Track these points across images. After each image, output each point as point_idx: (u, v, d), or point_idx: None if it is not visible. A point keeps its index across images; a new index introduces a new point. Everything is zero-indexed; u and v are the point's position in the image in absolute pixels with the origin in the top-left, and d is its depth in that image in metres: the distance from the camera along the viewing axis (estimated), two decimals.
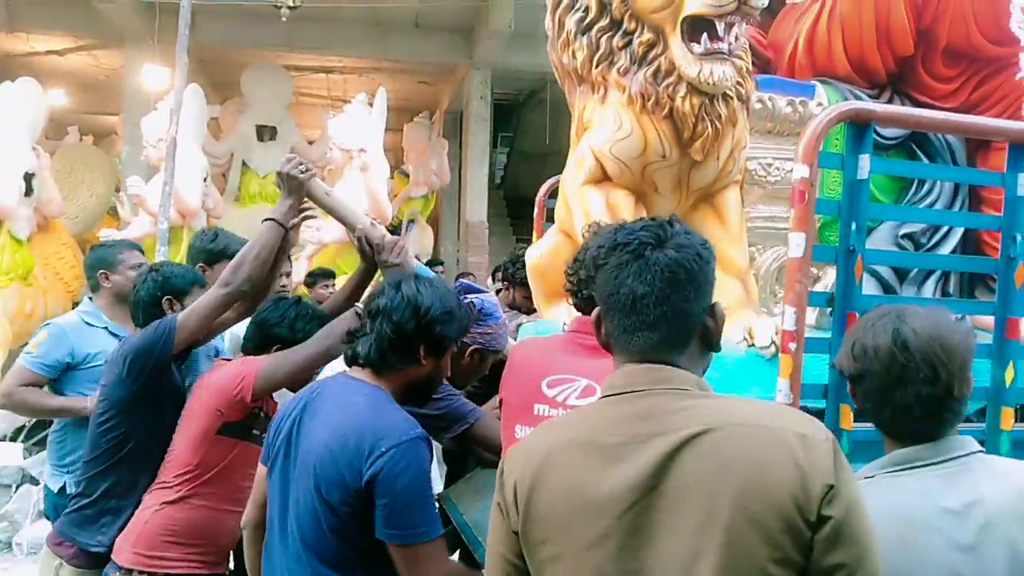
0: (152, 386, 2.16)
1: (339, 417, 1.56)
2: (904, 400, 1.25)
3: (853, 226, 1.89)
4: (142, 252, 3.06)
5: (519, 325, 2.86)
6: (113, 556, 2.07)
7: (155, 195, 5.45)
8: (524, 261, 3.38)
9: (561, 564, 1.06)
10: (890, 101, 2.73)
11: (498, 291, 6.37)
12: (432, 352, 1.67)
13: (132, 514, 2.12)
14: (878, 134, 2.62)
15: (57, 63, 10.02)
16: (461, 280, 2.17)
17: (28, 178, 5.82)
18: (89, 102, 11.41)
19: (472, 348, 2.02)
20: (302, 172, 2.20)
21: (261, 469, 1.73)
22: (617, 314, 1.14)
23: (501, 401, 1.72)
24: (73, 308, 6.11)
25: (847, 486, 0.99)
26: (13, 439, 5.50)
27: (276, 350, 2.14)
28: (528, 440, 1.20)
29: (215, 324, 2.26)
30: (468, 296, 2.01)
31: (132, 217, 6.53)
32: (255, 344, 2.21)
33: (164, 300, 2.34)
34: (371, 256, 2.27)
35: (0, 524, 4.89)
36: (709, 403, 1.08)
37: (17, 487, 5.02)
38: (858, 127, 1.90)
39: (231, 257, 2.60)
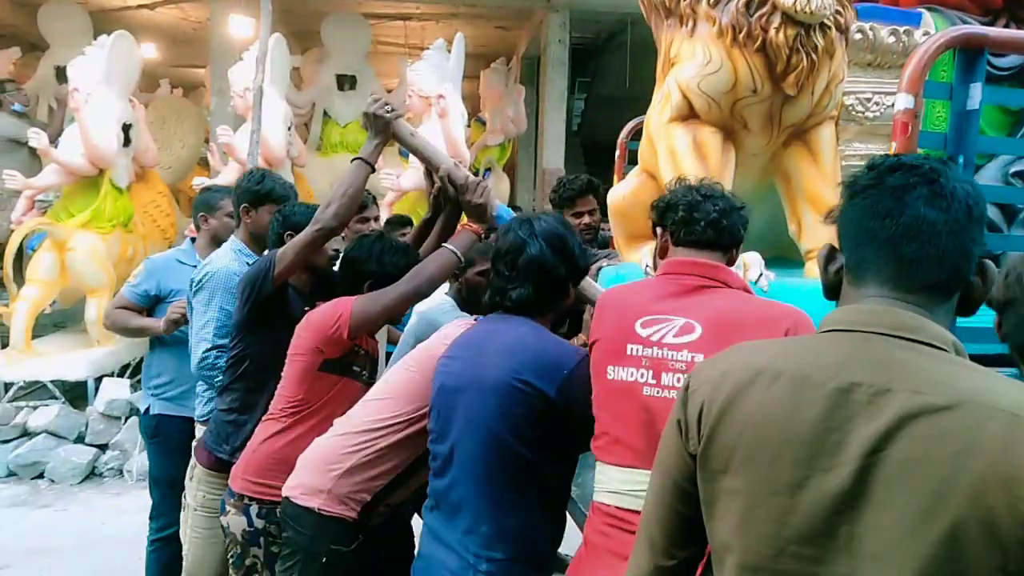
0: (261, 312, 2.31)
1: (510, 349, 1.73)
2: None
3: (961, 160, 1.78)
4: None
5: (599, 268, 2.84)
6: (229, 483, 2.23)
7: (243, 144, 5.61)
8: (567, 183, 3.33)
9: (741, 500, 0.97)
10: (1007, 27, 2.53)
11: None
12: (576, 283, 1.88)
13: (252, 430, 2.29)
14: (990, 64, 2.45)
15: (148, 17, 10.31)
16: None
17: (126, 129, 6.09)
18: (178, 55, 11.74)
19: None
20: (388, 112, 2.26)
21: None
22: (882, 243, 0.98)
23: (591, 346, 1.71)
24: None
25: None
26: (120, 375, 5.89)
27: (368, 286, 2.22)
28: (726, 357, 1.07)
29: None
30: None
31: (222, 166, 6.74)
32: (346, 283, 2.29)
33: (286, 235, 2.42)
34: (455, 197, 2.29)
35: (112, 453, 5.28)
36: (963, 372, 0.91)
37: (126, 419, 5.40)
38: (969, 54, 1.78)
39: (276, 200, 2.71)
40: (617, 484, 1.56)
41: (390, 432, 1.95)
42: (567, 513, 1.86)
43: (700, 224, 1.65)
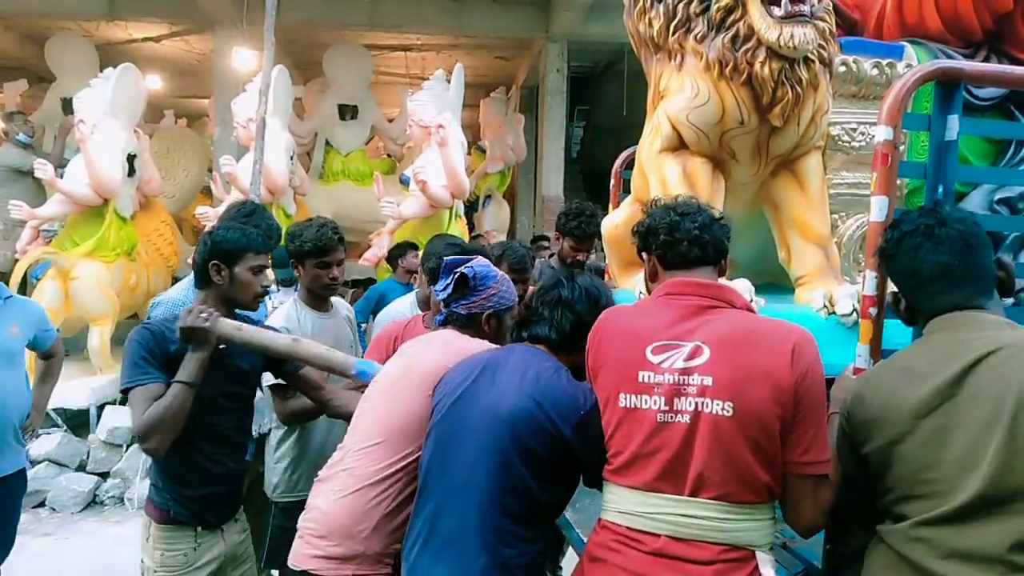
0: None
1: (533, 374, 1.72)
2: None
3: (941, 190, 1.84)
4: None
5: None
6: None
7: (246, 174, 5.69)
8: (576, 212, 3.48)
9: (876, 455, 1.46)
10: (987, 60, 2.61)
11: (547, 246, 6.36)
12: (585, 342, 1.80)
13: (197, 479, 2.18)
14: (972, 95, 2.52)
15: (153, 49, 10.51)
16: (445, 257, 2.12)
17: (131, 159, 6.19)
18: (182, 86, 11.94)
19: (486, 315, 2.02)
20: (204, 321, 2.09)
21: None
22: (927, 284, 1.49)
23: (595, 371, 1.70)
24: (173, 283, 6.49)
25: None
26: (123, 403, 5.91)
27: None
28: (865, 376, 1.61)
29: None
30: (456, 269, 2.01)
31: (225, 195, 6.83)
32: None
33: (211, 265, 2.21)
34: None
35: (113, 481, 5.29)
36: (1008, 332, 1.39)
37: (128, 447, 5.41)
38: (946, 86, 1.84)
39: (265, 231, 2.66)
40: (631, 506, 1.56)
41: (405, 474, 1.84)
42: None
43: (683, 244, 1.68)
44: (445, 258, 2.10)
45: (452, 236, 3.24)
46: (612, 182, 3.63)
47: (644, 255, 1.78)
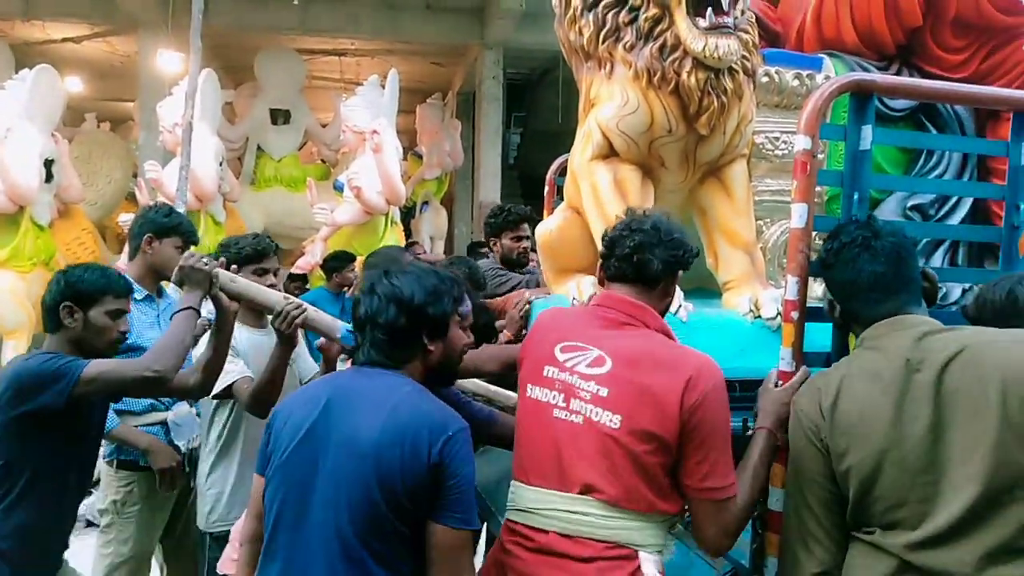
0: (36, 421, 1.97)
1: (393, 403, 1.54)
2: None
3: (856, 197, 1.90)
4: None
5: (530, 301, 2.90)
6: None
7: (172, 179, 5.51)
8: (498, 208, 3.63)
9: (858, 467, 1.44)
10: (899, 73, 2.73)
11: (485, 253, 6.43)
12: (435, 335, 1.65)
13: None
14: (887, 106, 2.63)
15: (73, 50, 10.10)
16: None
17: (48, 164, 5.91)
18: (105, 89, 11.50)
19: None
20: (205, 265, 2.12)
21: (258, 480, 1.66)
22: (865, 292, 1.56)
23: (520, 361, 1.77)
24: None
25: None
26: None
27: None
28: (820, 377, 1.60)
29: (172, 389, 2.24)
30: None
31: (150, 202, 6.60)
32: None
33: (63, 306, 2.06)
34: (288, 332, 2.21)
35: None
36: (957, 332, 1.47)
37: None
38: (860, 98, 1.91)
39: (183, 235, 2.63)
40: (527, 503, 1.61)
41: None
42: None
43: (615, 260, 1.74)
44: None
45: (394, 249, 3.21)
46: (546, 189, 3.65)
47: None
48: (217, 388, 2.41)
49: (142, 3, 8.30)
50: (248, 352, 2.52)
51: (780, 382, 1.77)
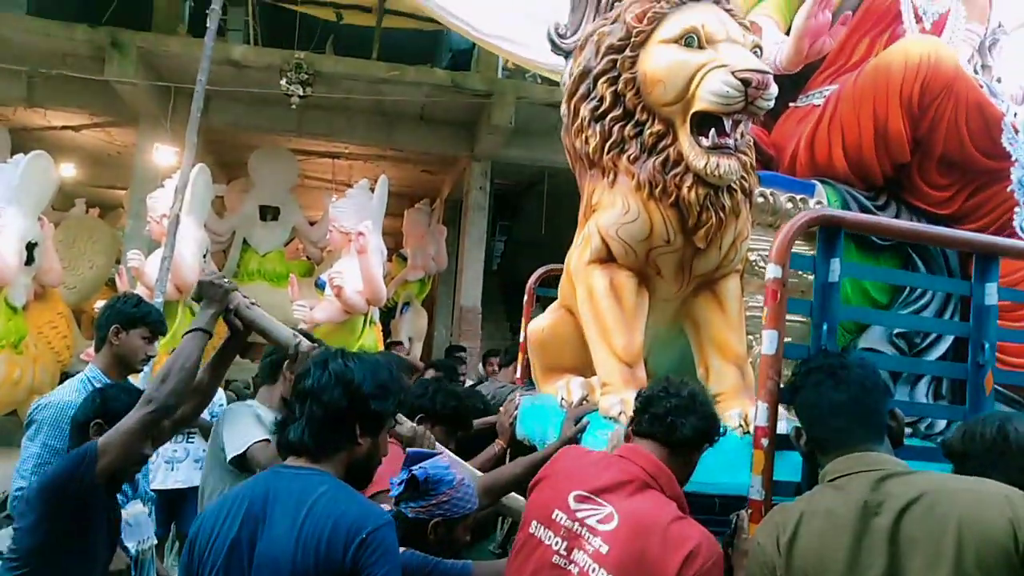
0: (76, 526, 1.92)
1: (307, 510, 1.49)
2: (999, 479, 1.49)
3: (824, 327, 1.92)
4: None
5: (518, 405, 2.85)
6: None
7: (153, 269, 5.48)
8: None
9: None
10: (886, 204, 2.79)
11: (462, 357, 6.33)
12: (369, 430, 1.60)
13: None
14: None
15: (71, 138, 10.24)
16: (408, 450, 1.97)
17: (30, 247, 5.88)
18: (99, 176, 11.60)
19: (434, 522, 1.82)
20: (226, 283, 2.17)
21: None
22: (826, 419, 1.58)
23: (532, 486, 1.79)
24: (62, 378, 6.04)
25: None
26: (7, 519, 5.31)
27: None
28: (780, 511, 1.59)
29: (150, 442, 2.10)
30: (412, 468, 1.83)
31: (129, 290, 6.53)
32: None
33: (92, 424, 2.08)
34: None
35: None
36: (917, 476, 1.45)
37: None
38: (830, 231, 1.96)
39: (150, 325, 2.60)
40: None
41: None
42: None
43: (648, 416, 1.76)
44: (408, 450, 1.93)
45: (393, 357, 3.14)
46: (526, 299, 3.68)
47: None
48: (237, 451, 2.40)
49: (144, 98, 8.50)
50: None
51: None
